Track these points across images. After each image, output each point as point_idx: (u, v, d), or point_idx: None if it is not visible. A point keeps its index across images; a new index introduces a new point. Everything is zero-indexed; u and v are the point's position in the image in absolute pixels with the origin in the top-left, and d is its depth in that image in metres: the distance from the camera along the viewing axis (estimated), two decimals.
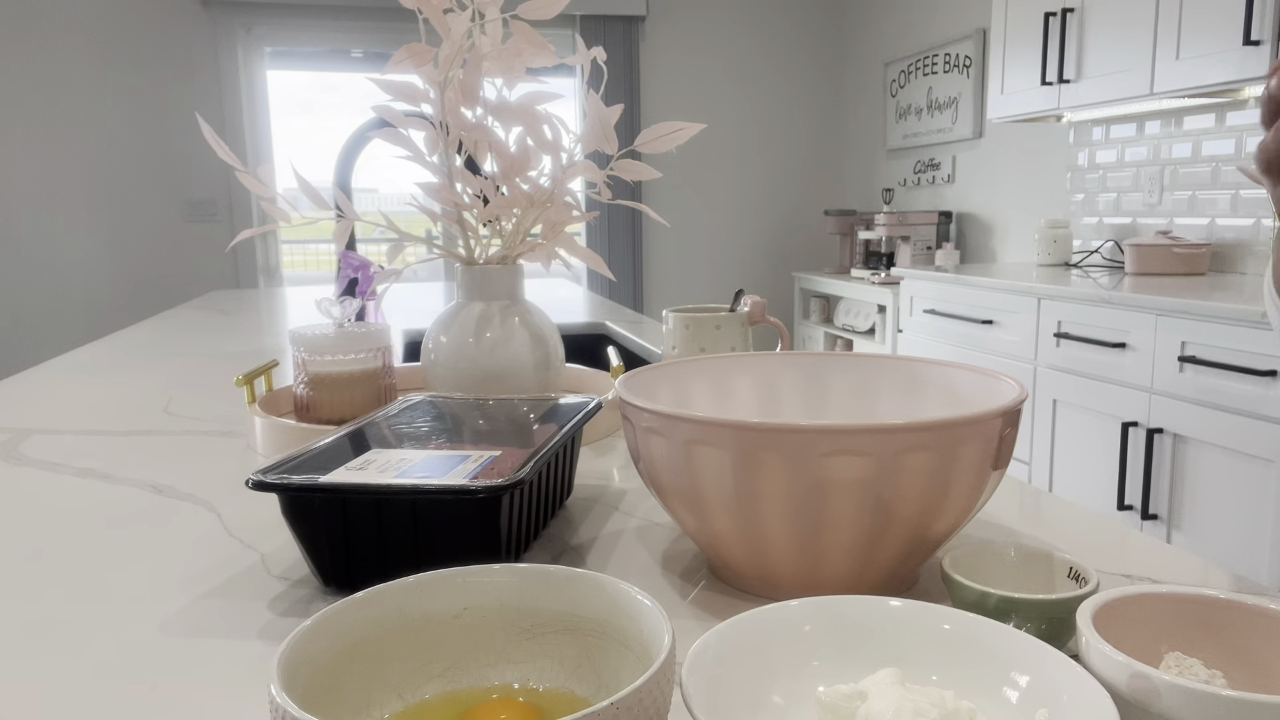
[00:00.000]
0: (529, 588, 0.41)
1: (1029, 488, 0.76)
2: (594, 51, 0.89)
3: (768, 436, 0.48)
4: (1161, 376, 2.06)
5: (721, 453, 0.49)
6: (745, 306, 1.04)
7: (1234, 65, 2.12)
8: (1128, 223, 2.94)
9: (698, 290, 4.80)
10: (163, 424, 1.02)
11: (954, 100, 3.86)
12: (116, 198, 4.17)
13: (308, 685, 0.34)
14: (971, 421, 0.48)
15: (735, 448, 0.48)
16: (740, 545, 0.52)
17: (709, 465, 0.50)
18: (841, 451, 0.47)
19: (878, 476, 0.48)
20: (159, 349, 1.60)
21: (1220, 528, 1.95)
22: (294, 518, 0.55)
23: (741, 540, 0.52)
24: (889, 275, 3.57)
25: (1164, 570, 0.59)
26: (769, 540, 0.51)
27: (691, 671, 0.36)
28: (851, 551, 0.51)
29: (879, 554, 0.51)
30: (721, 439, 0.49)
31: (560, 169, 0.89)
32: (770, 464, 0.48)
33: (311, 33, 4.32)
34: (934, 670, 0.40)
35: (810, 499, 0.48)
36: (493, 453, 0.60)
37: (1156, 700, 0.35)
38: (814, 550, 0.50)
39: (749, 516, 0.50)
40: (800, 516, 0.49)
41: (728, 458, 0.49)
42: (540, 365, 0.93)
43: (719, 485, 0.50)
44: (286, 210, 0.88)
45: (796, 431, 0.47)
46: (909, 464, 0.48)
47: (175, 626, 0.52)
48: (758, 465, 0.48)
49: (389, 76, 0.85)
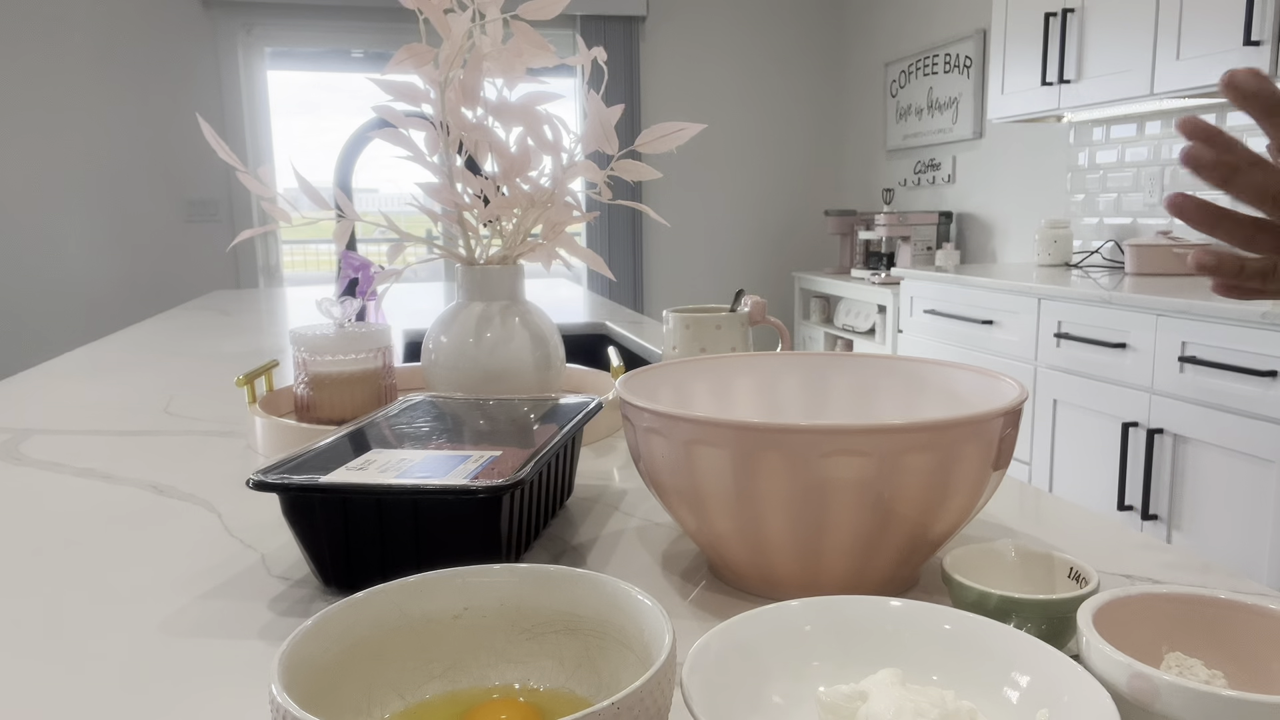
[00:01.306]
0: (529, 588, 0.41)
1: (1029, 488, 0.76)
2: (594, 52, 0.89)
3: (769, 436, 0.48)
4: (1162, 377, 2.06)
5: (722, 453, 0.49)
6: (745, 307, 1.04)
7: (1234, 65, 2.12)
8: (1128, 223, 2.94)
9: (698, 290, 4.80)
10: (163, 424, 1.02)
11: (954, 100, 3.86)
12: (117, 198, 4.17)
13: (308, 685, 0.34)
14: (972, 422, 0.49)
15: (736, 448, 0.49)
16: (741, 545, 0.52)
17: (710, 465, 0.50)
18: (842, 451, 0.47)
19: (878, 476, 0.48)
20: (159, 349, 1.60)
21: (1220, 528, 1.95)
22: (294, 518, 0.55)
23: (742, 540, 0.52)
24: (889, 275, 3.57)
25: (1164, 570, 0.59)
26: (769, 540, 0.51)
27: (692, 671, 0.36)
28: (852, 551, 0.51)
29: (879, 554, 0.51)
30: (722, 439, 0.49)
31: (561, 169, 0.89)
32: (771, 464, 0.48)
33: (311, 33, 4.32)
34: (934, 670, 0.40)
35: (811, 499, 0.49)
36: (493, 453, 0.60)
37: (1157, 700, 0.35)
38: (814, 550, 0.51)
39: (750, 517, 0.50)
40: (801, 517, 0.49)
41: (728, 458, 0.49)
42: (540, 365, 0.93)
43: (720, 485, 0.50)
44: (287, 210, 0.88)
45: (797, 431, 0.47)
46: (910, 464, 0.48)
47: (175, 626, 0.52)
48: (758, 465, 0.48)
49: (389, 77, 0.85)
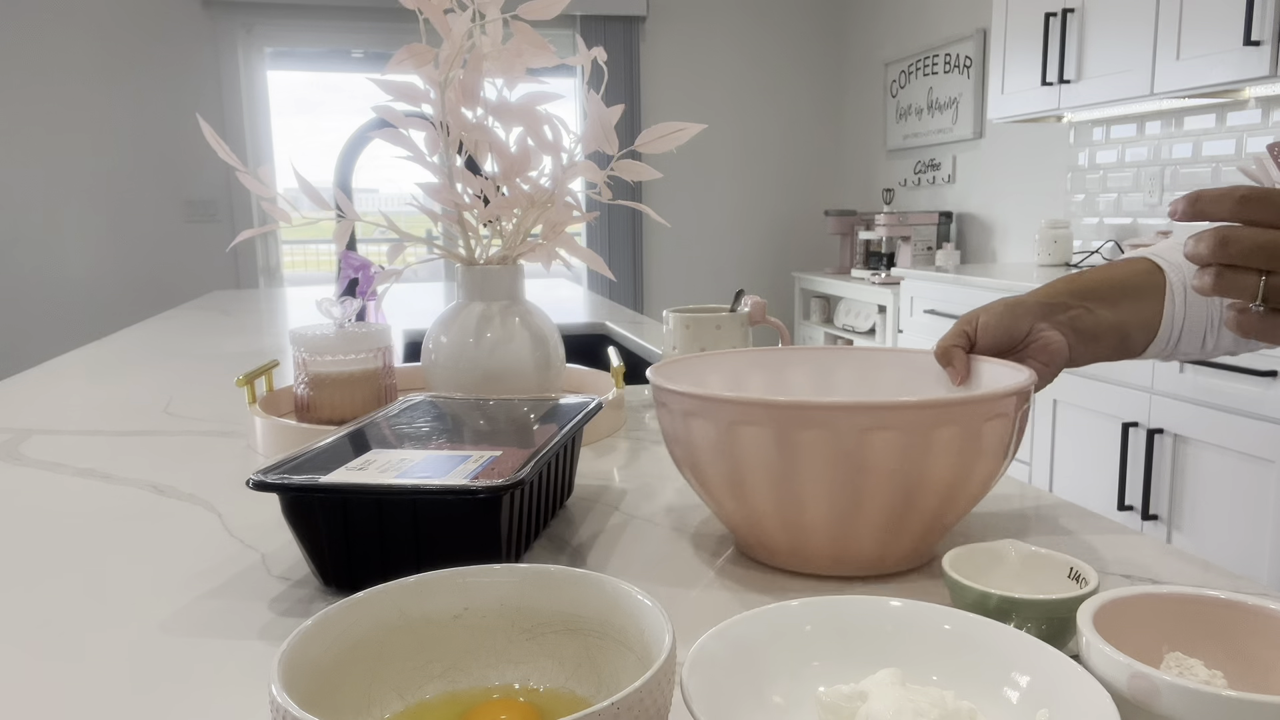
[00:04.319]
0: (529, 588, 0.41)
1: (1029, 488, 0.76)
2: (594, 52, 0.89)
3: (810, 414, 0.51)
4: (1162, 377, 2.06)
5: (765, 431, 0.52)
6: (746, 307, 1.04)
7: (1234, 65, 2.12)
8: (1128, 223, 2.94)
9: (698, 290, 4.80)
10: (163, 424, 1.02)
11: (954, 100, 3.86)
12: (117, 198, 4.17)
13: (308, 685, 0.34)
14: (993, 398, 0.53)
15: (779, 426, 0.51)
16: (778, 522, 0.55)
17: (752, 444, 0.53)
18: (879, 427, 0.51)
19: (909, 451, 0.51)
20: (159, 349, 1.60)
21: (1220, 528, 1.95)
22: (294, 518, 0.55)
23: (779, 517, 0.55)
24: (889, 275, 3.57)
25: (1164, 570, 0.59)
26: (806, 515, 0.54)
27: (692, 672, 0.36)
28: (883, 525, 0.54)
29: (906, 527, 0.55)
30: (766, 418, 0.52)
31: (561, 169, 0.89)
32: (812, 440, 0.51)
33: (311, 33, 4.32)
34: (934, 670, 0.40)
35: (848, 473, 0.52)
36: (493, 453, 0.60)
37: (1157, 700, 0.35)
38: (849, 523, 0.54)
39: (789, 492, 0.53)
40: (838, 491, 0.52)
41: (771, 436, 0.52)
42: (541, 365, 0.93)
43: (761, 463, 0.53)
44: (287, 210, 0.88)
45: (837, 409, 0.51)
46: (938, 438, 0.52)
47: (175, 626, 0.52)
48: (800, 442, 0.51)
49: (389, 77, 0.85)
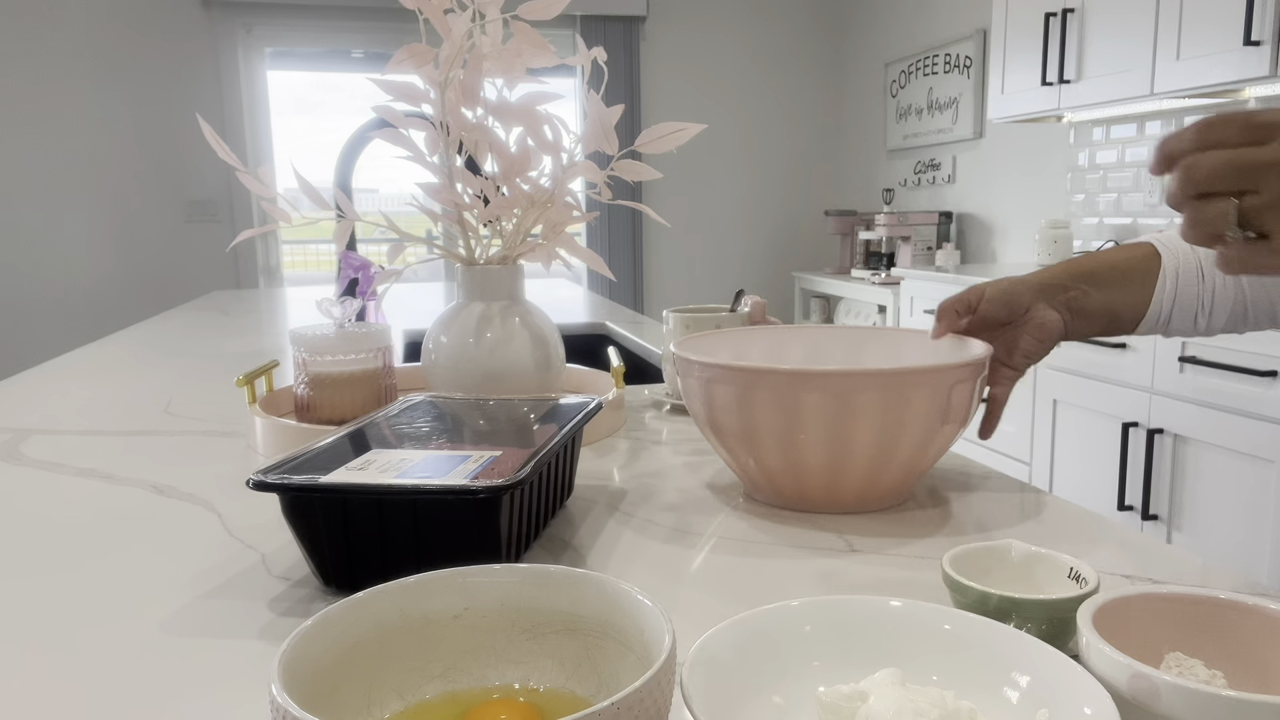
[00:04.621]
0: (529, 588, 0.41)
1: (1029, 488, 0.76)
2: (594, 52, 0.89)
3: (810, 379, 0.64)
4: (1162, 377, 2.06)
5: (772, 394, 0.64)
6: (745, 306, 1.04)
7: (1234, 65, 2.12)
8: (1128, 223, 2.94)
9: (698, 290, 4.80)
10: (163, 424, 1.02)
11: (954, 100, 3.86)
12: (117, 198, 4.16)
13: (308, 685, 0.34)
14: (957, 367, 0.66)
15: (783, 389, 0.64)
16: (783, 468, 0.68)
17: (762, 404, 0.65)
18: (867, 389, 0.63)
19: (890, 407, 0.64)
20: (159, 349, 1.60)
21: (1220, 528, 1.95)
22: (294, 518, 0.55)
23: (784, 464, 0.67)
24: (889, 275, 3.57)
25: (1164, 570, 0.59)
26: (806, 460, 0.66)
27: (692, 671, 0.36)
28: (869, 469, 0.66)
29: (888, 467, 0.67)
30: (773, 383, 0.64)
31: (561, 169, 0.89)
32: (809, 401, 0.64)
33: (311, 33, 4.32)
34: (934, 670, 0.40)
35: (839, 426, 0.64)
36: (493, 453, 0.60)
37: (1157, 700, 0.35)
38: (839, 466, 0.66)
39: (792, 444, 0.66)
40: (831, 441, 0.65)
41: (777, 397, 0.64)
42: (541, 365, 0.93)
43: (769, 419, 0.65)
44: (287, 210, 0.88)
45: (832, 375, 0.63)
46: (914, 398, 0.64)
47: (175, 626, 0.52)
48: (800, 403, 0.64)
49: (389, 77, 0.85)
